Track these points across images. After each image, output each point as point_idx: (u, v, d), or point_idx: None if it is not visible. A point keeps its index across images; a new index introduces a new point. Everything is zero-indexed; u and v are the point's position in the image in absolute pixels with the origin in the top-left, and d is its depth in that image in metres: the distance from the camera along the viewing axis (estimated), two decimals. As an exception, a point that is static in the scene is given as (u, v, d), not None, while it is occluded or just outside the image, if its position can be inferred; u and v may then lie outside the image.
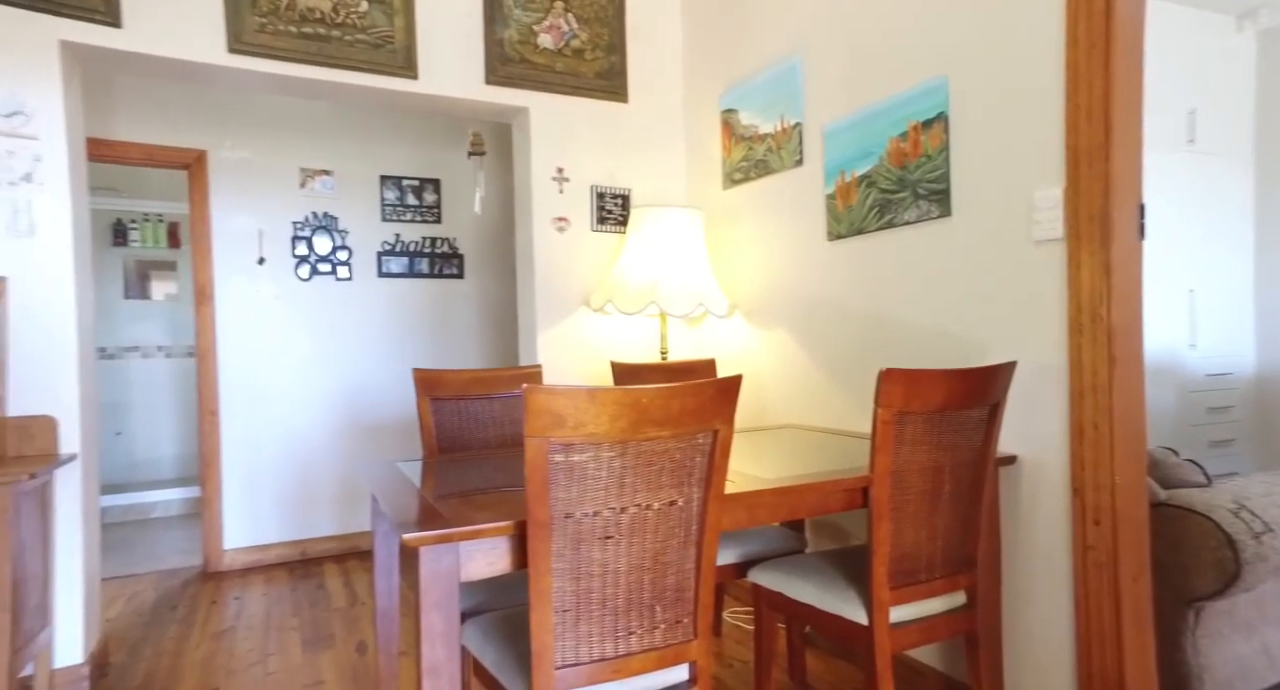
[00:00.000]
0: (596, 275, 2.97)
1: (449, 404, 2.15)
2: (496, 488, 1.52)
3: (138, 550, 3.78)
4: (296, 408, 3.55)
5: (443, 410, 2.13)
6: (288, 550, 3.53)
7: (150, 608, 2.94)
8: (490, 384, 2.21)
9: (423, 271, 3.82)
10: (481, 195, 3.70)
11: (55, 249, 2.16)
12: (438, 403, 2.13)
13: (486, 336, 4.00)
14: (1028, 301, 1.72)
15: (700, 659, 1.33)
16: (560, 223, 2.90)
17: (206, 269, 3.38)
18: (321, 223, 3.60)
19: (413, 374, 2.10)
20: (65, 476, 2.16)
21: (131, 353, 5.10)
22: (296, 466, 3.55)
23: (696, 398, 1.24)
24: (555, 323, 2.89)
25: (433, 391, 2.12)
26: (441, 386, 2.14)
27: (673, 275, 2.58)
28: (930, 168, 1.91)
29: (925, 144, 1.92)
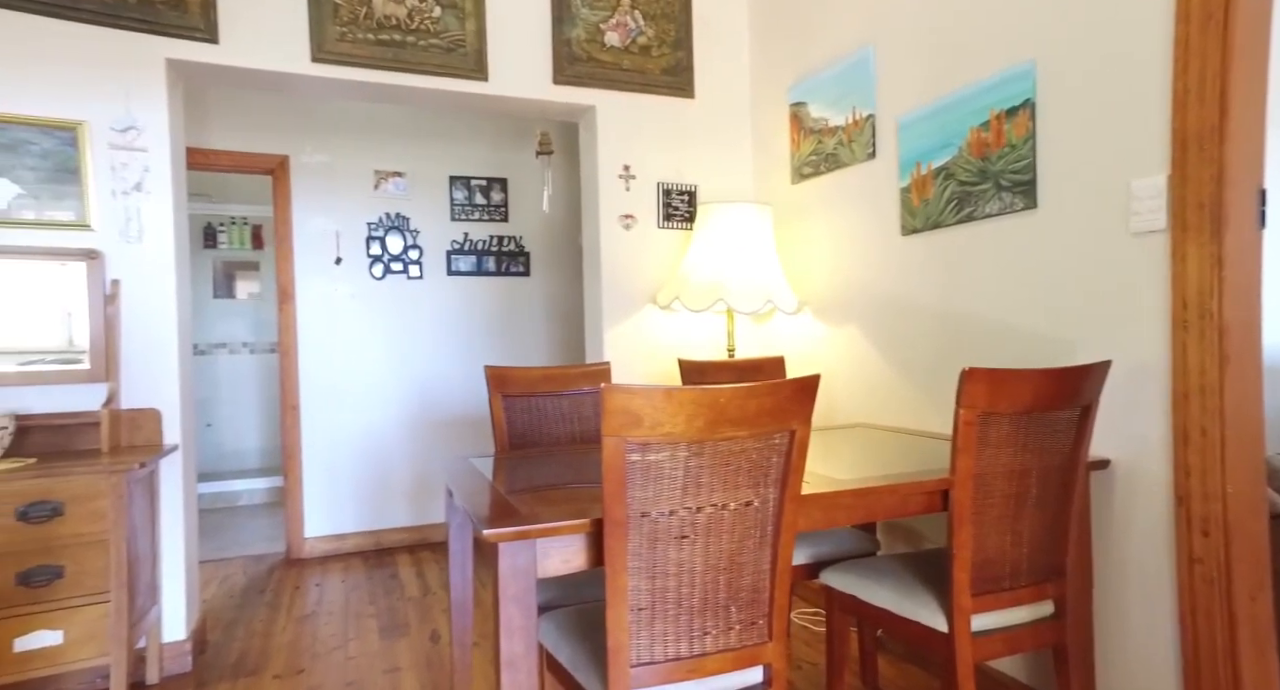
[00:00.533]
0: (663, 272, 2.96)
1: (519, 401, 2.18)
2: (567, 484, 1.53)
3: (227, 536, 4.00)
4: (371, 403, 3.68)
5: (513, 407, 2.17)
6: (363, 540, 3.66)
7: (241, 591, 3.11)
8: (560, 381, 2.23)
9: (490, 270, 3.90)
10: (549, 194, 3.75)
11: (160, 253, 2.29)
12: (509, 399, 2.17)
13: (552, 334, 4.05)
14: (1123, 297, 1.63)
15: (776, 661, 1.31)
16: (627, 220, 2.91)
17: (288, 269, 3.54)
18: (394, 223, 3.72)
19: (484, 371, 2.14)
20: (168, 466, 2.30)
21: (219, 349, 5.38)
22: (371, 459, 3.68)
23: (774, 397, 1.22)
24: (622, 320, 2.90)
25: (504, 388, 2.16)
26: (512, 383, 2.17)
27: (740, 272, 2.55)
28: (1014, 158, 1.82)
29: (1009, 133, 1.84)
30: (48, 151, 2.15)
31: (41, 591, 1.86)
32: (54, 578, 1.87)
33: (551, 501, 1.35)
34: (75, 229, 2.19)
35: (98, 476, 1.91)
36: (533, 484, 1.54)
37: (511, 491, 1.46)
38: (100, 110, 2.22)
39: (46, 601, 1.87)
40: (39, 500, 1.85)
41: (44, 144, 2.15)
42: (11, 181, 2.12)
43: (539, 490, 1.47)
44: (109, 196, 2.23)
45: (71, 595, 1.88)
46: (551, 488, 1.50)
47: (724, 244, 2.59)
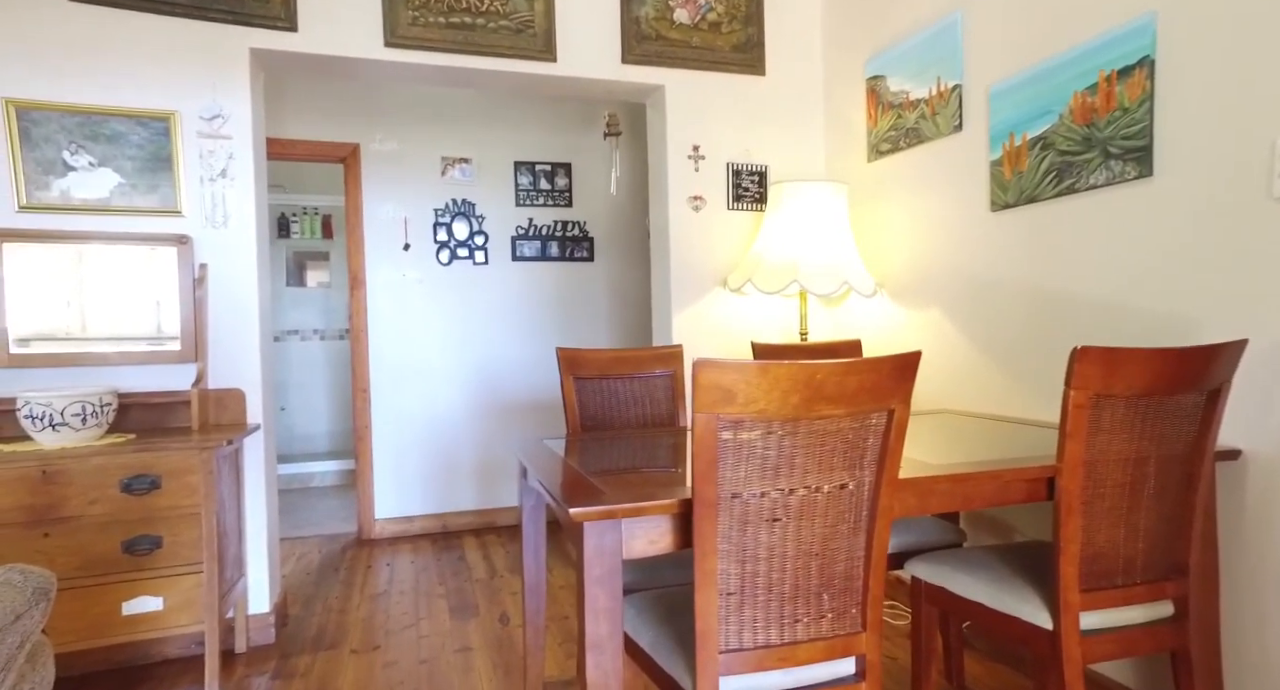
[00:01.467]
0: (733, 255, 2.90)
1: (591, 383, 2.16)
2: (643, 467, 1.50)
3: (302, 515, 4.14)
4: (438, 387, 3.73)
5: (585, 389, 2.15)
6: (431, 522, 3.73)
7: (317, 568, 3.20)
8: (632, 363, 2.20)
9: (554, 255, 3.90)
10: (617, 176, 3.72)
11: (242, 237, 2.36)
12: (580, 382, 2.15)
13: (616, 319, 4.04)
14: (1261, 270, 1.49)
15: (870, 652, 1.25)
16: (696, 201, 2.85)
17: (359, 255, 3.61)
18: (460, 209, 3.75)
19: (556, 352, 2.13)
20: (251, 444, 2.37)
21: (292, 336, 5.57)
22: (438, 443, 3.74)
23: (874, 374, 1.15)
24: (690, 303, 2.85)
25: (576, 370, 2.14)
26: (584, 365, 2.15)
27: (815, 252, 2.46)
28: (1127, 123, 1.69)
29: (1121, 96, 1.70)
30: (144, 141, 2.23)
31: (144, 560, 1.94)
32: (154, 547, 1.94)
33: (630, 483, 1.32)
34: (167, 215, 2.27)
35: (190, 452, 1.97)
36: (610, 466, 1.51)
37: (590, 473, 1.43)
38: (190, 100, 2.29)
39: (148, 569, 1.94)
40: (140, 474, 1.93)
41: (141, 134, 2.23)
42: (113, 171, 2.20)
43: (616, 473, 1.44)
44: (197, 183, 2.30)
45: (170, 565, 1.96)
46: (629, 470, 1.46)
47: (798, 224, 2.51)
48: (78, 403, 1.92)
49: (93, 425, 1.95)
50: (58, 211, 2.16)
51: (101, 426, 1.98)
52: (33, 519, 1.86)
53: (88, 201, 2.18)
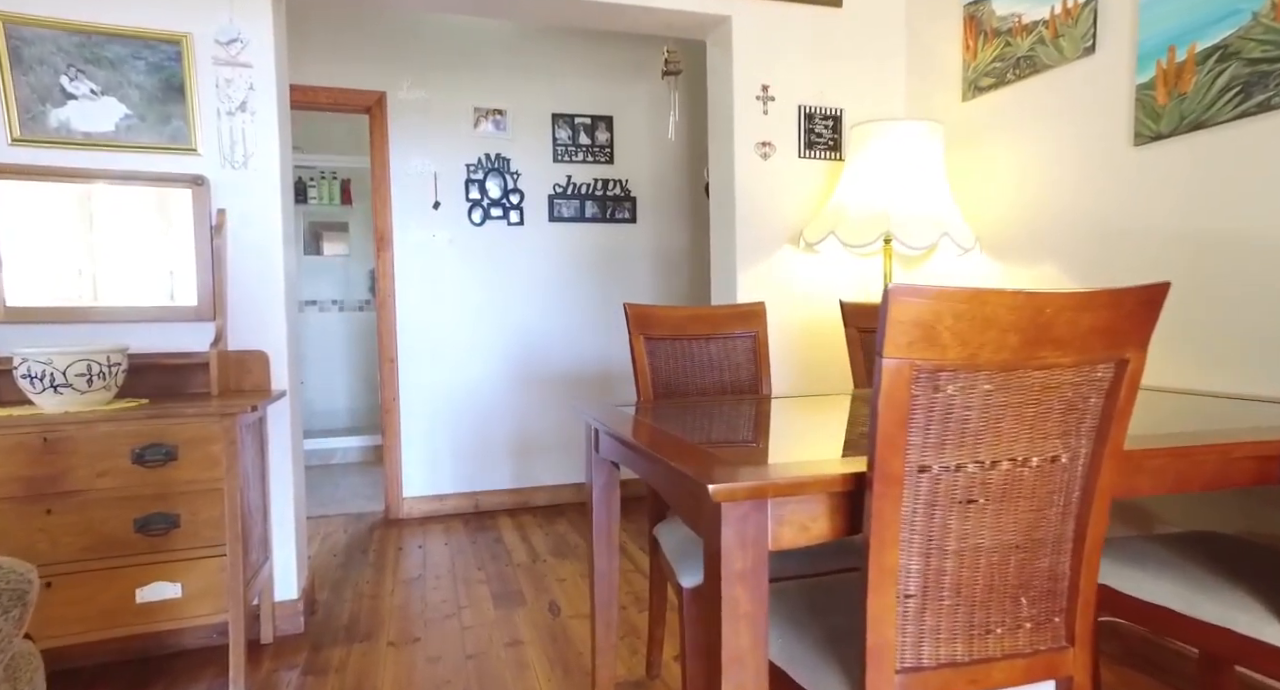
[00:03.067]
0: (804, 208, 2.60)
1: (664, 344, 1.89)
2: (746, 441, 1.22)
3: (326, 493, 3.91)
4: (469, 356, 3.47)
5: (658, 351, 1.88)
6: (462, 501, 3.49)
7: (344, 549, 2.97)
8: (709, 322, 1.93)
9: (594, 215, 3.61)
10: (675, 120, 3.42)
11: (265, 181, 2.09)
12: (652, 343, 1.87)
13: (661, 286, 3.75)
14: None
15: (1078, 675, 0.98)
16: (764, 148, 2.56)
17: (386, 214, 3.34)
18: (494, 165, 3.46)
19: (625, 310, 1.86)
20: (276, 413, 2.12)
21: (310, 307, 5.32)
22: (470, 416, 3.49)
23: (1113, 310, 0.87)
24: (756, 262, 2.57)
25: (646, 329, 1.87)
26: (656, 324, 1.88)
27: (908, 201, 2.17)
28: (1345, 22, 1.38)
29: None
30: (153, 67, 1.96)
31: (159, 541, 1.70)
32: (170, 527, 1.70)
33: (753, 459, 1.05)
34: (180, 153, 2.00)
35: (210, 420, 1.72)
36: (715, 437, 1.24)
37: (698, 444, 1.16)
38: (204, 21, 2.01)
39: (165, 551, 1.70)
40: (153, 443, 1.68)
41: (149, 59, 1.95)
42: (119, 101, 1.93)
43: (727, 445, 1.17)
44: (214, 117, 2.03)
45: (189, 546, 1.72)
46: (739, 443, 1.19)
47: (887, 169, 2.21)
48: (82, 361, 1.66)
49: (99, 387, 1.69)
50: (56, 146, 1.89)
51: (110, 389, 1.73)
52: (33, 493, 1.62)
53: (90, 136, 1.91)
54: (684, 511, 1.04)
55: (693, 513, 1.00)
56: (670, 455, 1.05)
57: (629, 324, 1.85)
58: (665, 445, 1.13)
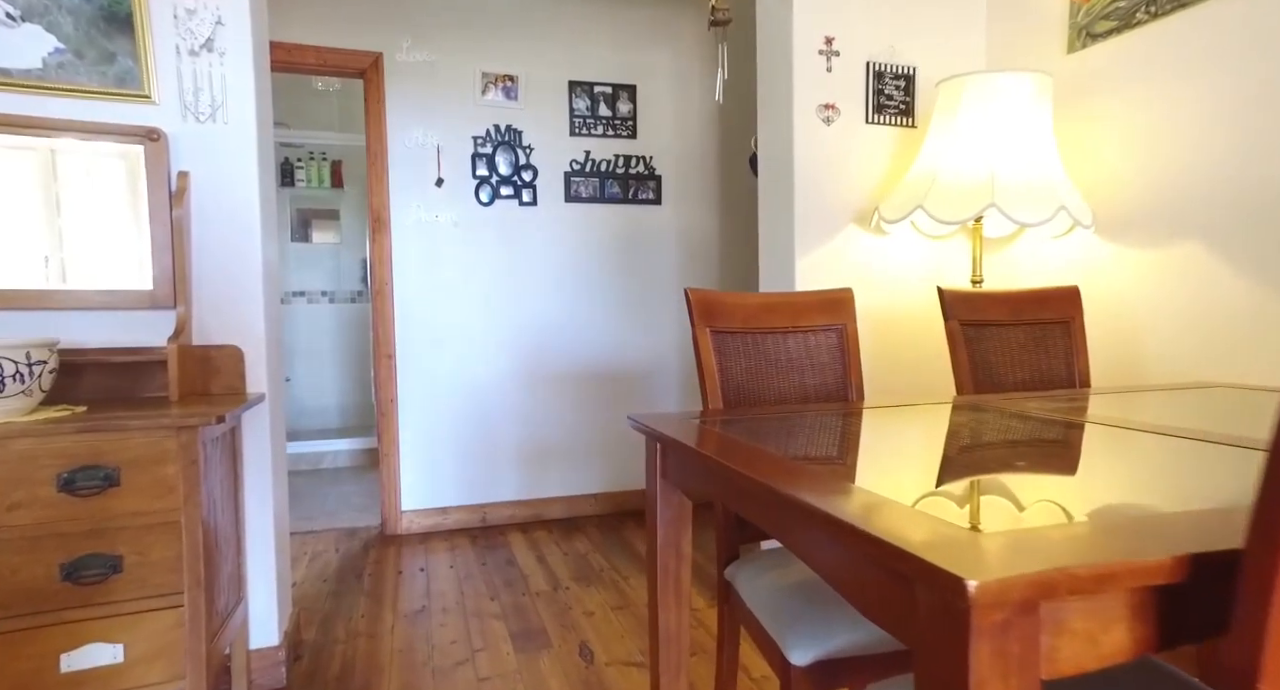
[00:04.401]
0: (872, 182, 2.24)
1: (735, 339, 1.52)
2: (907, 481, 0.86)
3: (313, 504, 3.53)
4: (475, 352, 3.10)
5: (727, 347, 1.51)
6: (467, 515, 3.12)
7: (335, 573, 2.59)
8: (788, 312, 1.56)
9: (615, 195, 3.24)
10: (724, 77, 3.04)
11: (238, 139, 1.70)
12: (720, 337, 1.51)
13: (688, 274, 3.38)
14: None
15: None
16: (827, 112, 2.19)
17: (382, 191, 2.95)
18: (504, 137, 3.08)
19: (685, 296, 1.49)
20: (253, 421, 1.74)
21: (298, 298, 4.93)
22: (476, 419, 3.11)
23: None
24: (817, 245, 2.20)
25: (713, 320, 1.50)
26: (724, 313, 1.51)
27: (1015, 169, 1.81)
28: None
29: None
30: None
31: (94, 590, 1.32)
32: (110, 572, 1.32)
33: (988, 523, 0.69)
34: (129, 99, 1.61)
35: (162, 434, 1.34)
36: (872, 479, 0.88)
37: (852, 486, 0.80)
38: (158, -63, 1.62)
39: (101, 603, 1.33)
40: (88, 464, 1.30)
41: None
42: (46, 29, 1.54)
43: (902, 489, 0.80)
44: (172, 56, 1.64)
45: (134, 596, 1.34)
46: (927, 490, 0.83)
47: (986, 131, 1.85)
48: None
49: (16, 392, 1.31)
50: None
51: (31, 394, 1.35)
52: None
53: (9, 73, 1.52)
54: (871, 606, 0.68)
55: (890, 611, 0.64)
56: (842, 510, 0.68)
57: (692, 314, 1.49)
58: (816, 487, 0.76)
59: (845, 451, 1.00)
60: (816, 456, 0.95)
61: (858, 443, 1.07)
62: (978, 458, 0.94)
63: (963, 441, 1.05)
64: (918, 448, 1.02)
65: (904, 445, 1.05)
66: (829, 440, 1.07)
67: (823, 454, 0.97)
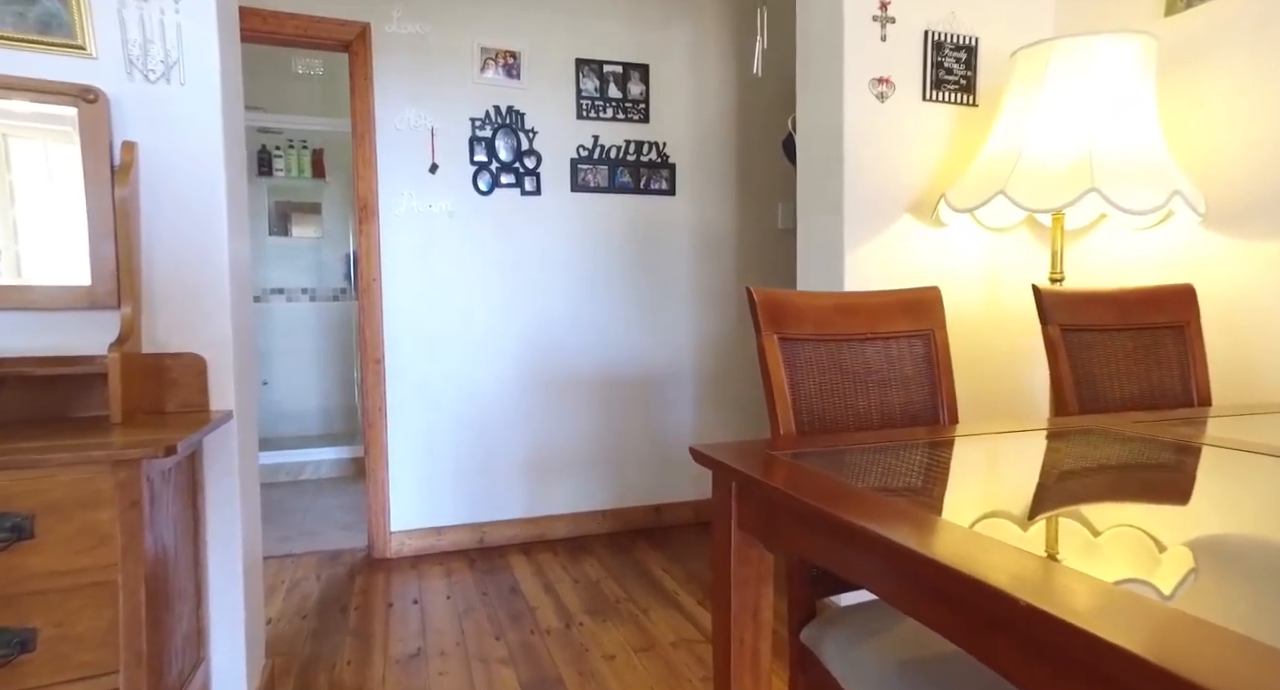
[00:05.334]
0: (928, 167, 1.98)
1: (805, 347, 1.26)
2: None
3: (292, 521, 3.22)
4: (473, 356, 2.81)
5: (797, 358, 1.25)
6: (464, 535, 2.84)
7: (316, 606, 2.30)
8: (867, 315, 1.30)
9: (626, 185, 2.96)
10: (763, 47, 2.77)
11: (199, 105, 1.41)
12: (790, 346, 1.24)
13: (705, 275, 3.11)
14: None
15: None
16: (881, 86, 1.93)
17: (369, 178, 2.65)
18: (505, 120, 2.80)
19: (748, 295, 1.22)
20: (218, 445, 1.45)
21: (276, 296, 4.60)
22: (474, 429, 2.83)
23: None
24: (868, 239, 1.94)
25: (782, 325, 1.23)
26: (794, 316, 1.25)
27: (1117, 148, 1.56)
28: None
29: None
30: (13, -80, 1.27)
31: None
32: (17, 651, 1.03)
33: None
34: (59, 50, 1.32)
35: (94, 469, 1.05)
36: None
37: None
38: None
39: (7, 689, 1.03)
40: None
41: (7, -92, 1.26)
42: (-48, -37, 1.24)
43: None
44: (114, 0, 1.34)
45: (52, 681, 1.05)
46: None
47: (1079, 105, 1.59)
48: None
49: (-100, 418, 1.01)
50: None
51: (-77, 419, 1.05)
52: None
53: (-88, 15, 1.22)
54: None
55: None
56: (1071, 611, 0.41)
57: (757, 318, 1.22)
58: (1008, 567, 0.49)
59: (986, 499, 0.73)
60: (966, 508, 0.68)
61: (997, 486, 0.81)
62: (1183, 519, 0.68)
63: (1133, 486, 0.79)
64: (1087, 491, 0.76)
65: (1071, 489, 0.78)
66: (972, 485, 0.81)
67: (973, 506, 0.70)
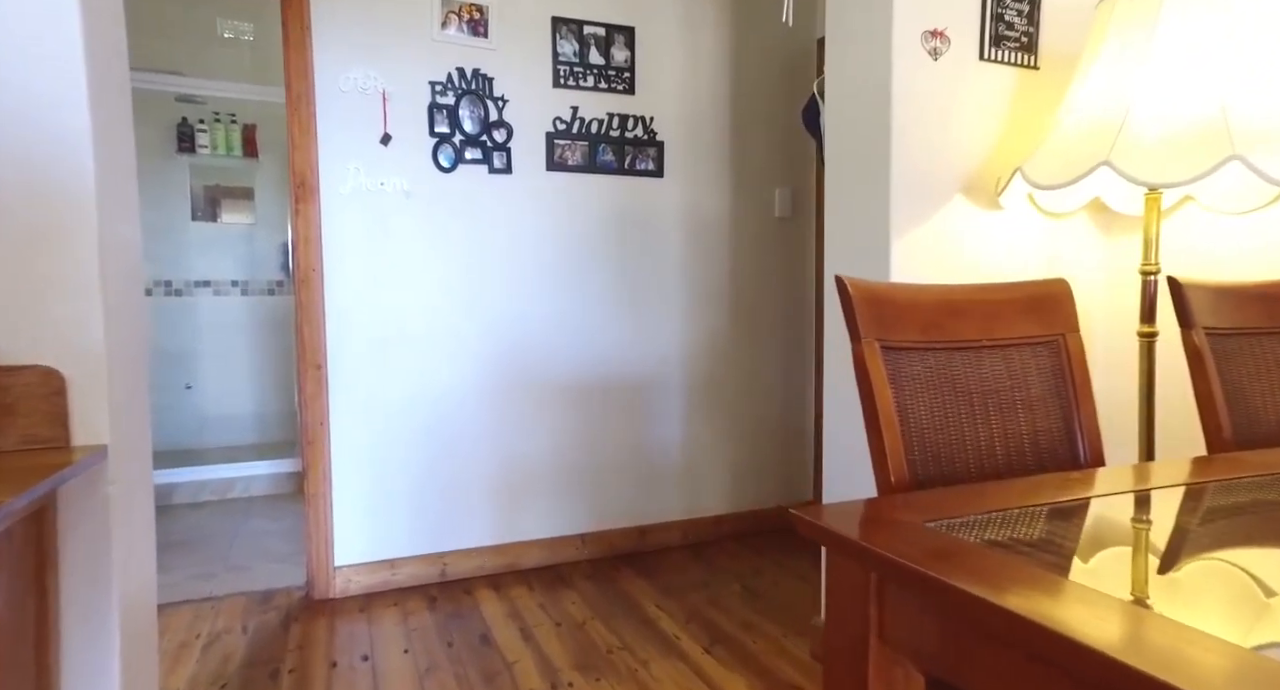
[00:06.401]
0: (987, 139, 1.69)
1: (911, 360, 0.93)
2: None
3: (214, 552, 2.76)
4: (434, 360, 2.41)
5: (901, 372, 0.92)
6: (423, 568, 2.44)
7: (238, 671, 1.87)
8: (983, 315, 0.98)
9: (609, 164, 2.60)
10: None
11: (46, 21, 0.99)
12: (895, 355, 0.91)
13: (695, 264, 2.78)
14: None
15: None
16: (935, 41, 1.62)
17: (308, 149, 2.23)
18: (470, 85, 2.40)
19: (839, 285, 0.89)
20: (82, 494, 1.03)
21: (201, 288, 4.08)
22: (434, 445, 2.43)
23: None
24: (917, 222, 1.64)
25: (886, 329, 0.90)
26: (898, 317, 0.92)
27: (1261, 107, 1.27)
28: None
29: None
30: None
31: None
32: None
33: None
34: None
35: None
36: None
37: None
38: None
39: None
40: None
41: None
42: None
43: None
44: None
45: None
46: None
47: (1205, 55, 1.31)
48: None
49: None
50: None
51: None
52: None
53: None
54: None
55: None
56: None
57: (853, 319, 0.88)
58: None
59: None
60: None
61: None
62: None
63: None
64: None
65: None
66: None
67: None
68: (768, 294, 2.90)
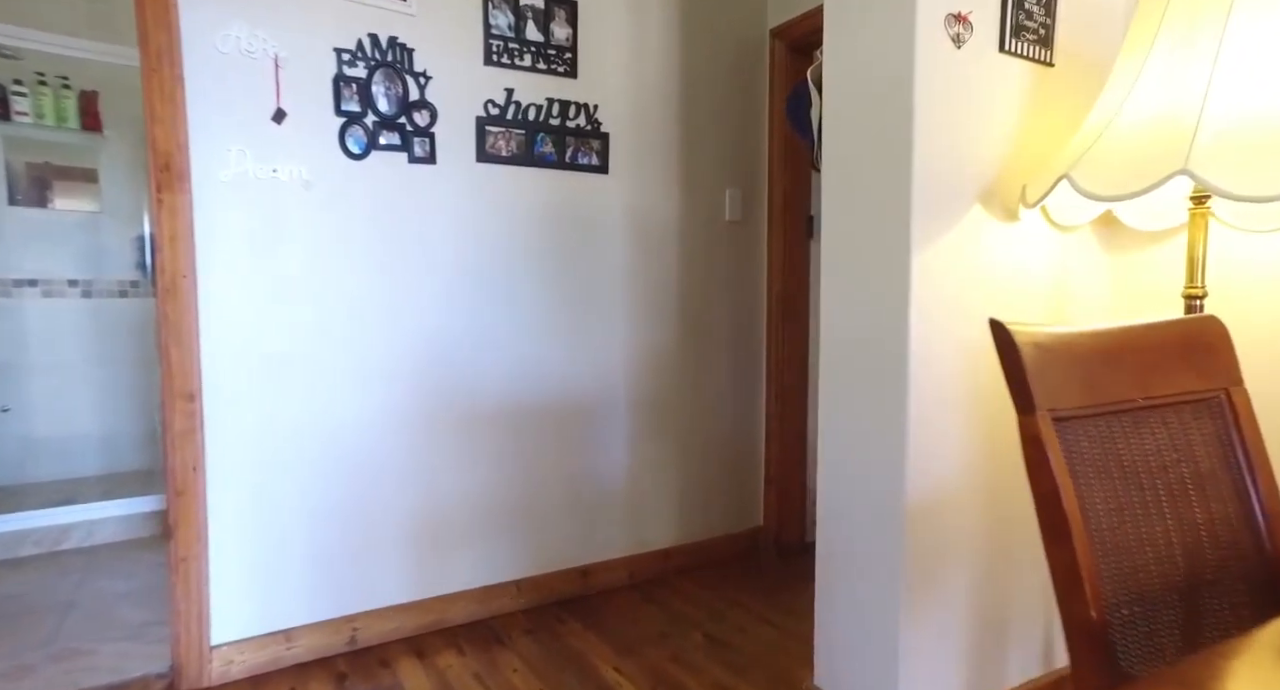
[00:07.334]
0: (1003, 140, 1.51)
1: (1079, 431, 0.68)
2: None
3: (33, 632, 2.17)
4: (338, 386, 1.99)
5: (1072, 448, 0.67)
6: (328, 637, 2.01)
7: None
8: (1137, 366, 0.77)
9: (548, 157, 2.26)
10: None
11: None
12: (1062, 428, 0.66)
13: (642, 273, 2.49)
14: None
15: None
16: (958, 27, 1.42)
17: (174, 120, 1.74)
18: (384, 56, 1.99)
19: (1001, 341, 0.63)
20: None
21: (25, 288, 3.35)
22: (338, 488, 2.01)
23: None
24: (940, 233, 1.43)
25: (1056, 395, 0.65)
26: (1066, 377, 0.67)
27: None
28: None
29: None
30: None
31: None
32: None
33: None
34: None
35: None
36: None
37: None
38: None
39: None
40: None
41: None
42: None
43: None
44: None
45: None
46: None
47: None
48: None
49: None
50: None
51: None
52: None
53: None
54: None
55: None
56: None
57: (1024, 383, 0.63)
58: None
59: None
60: None
61: None
62: None
63: None
64: None
65: None
66: None
67: None
68: (718, 304, 2.66)
